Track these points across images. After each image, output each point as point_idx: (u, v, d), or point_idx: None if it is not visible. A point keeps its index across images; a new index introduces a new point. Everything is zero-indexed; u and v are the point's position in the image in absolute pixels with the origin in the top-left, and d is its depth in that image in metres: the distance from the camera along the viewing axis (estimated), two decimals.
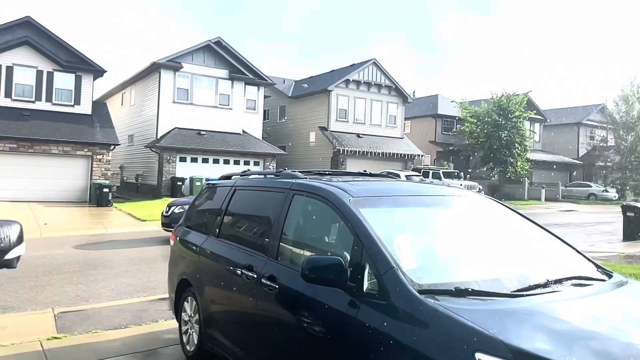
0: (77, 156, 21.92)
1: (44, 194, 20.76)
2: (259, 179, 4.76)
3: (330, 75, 33.13)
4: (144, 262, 9.83)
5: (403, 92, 32.85)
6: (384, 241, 2.71)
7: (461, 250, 3.07)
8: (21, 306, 6.46)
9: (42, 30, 22.54)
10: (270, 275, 3.34)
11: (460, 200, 3.78)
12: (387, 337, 2.34)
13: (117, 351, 4.72)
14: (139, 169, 27.66)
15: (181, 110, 25.26)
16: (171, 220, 11.97)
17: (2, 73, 21.67)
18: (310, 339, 2.92)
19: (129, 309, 6.21)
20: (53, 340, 4.98)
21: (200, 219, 5.11)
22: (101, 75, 24.29)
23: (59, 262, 9.45)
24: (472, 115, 33.83)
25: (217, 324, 4.07)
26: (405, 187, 4.07)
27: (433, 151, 39.27)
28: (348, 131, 30.69)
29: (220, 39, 26.46)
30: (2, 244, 2.34)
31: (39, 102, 22.40)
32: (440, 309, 2.24)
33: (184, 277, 4.73)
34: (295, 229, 3.64)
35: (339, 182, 3.54)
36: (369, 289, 2.59)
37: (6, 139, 20.34)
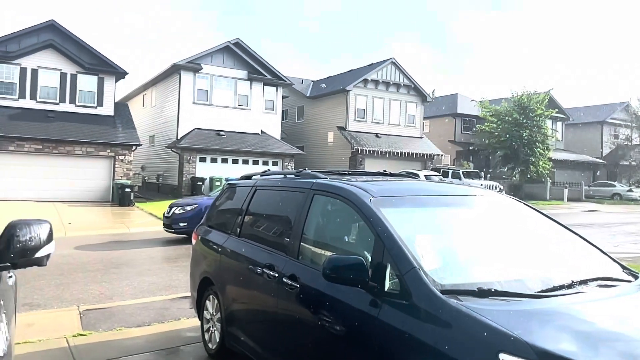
0: (100, 157, 22.33)
1: (68, 194, 21.20)
2: (279, 178, 4.79)
3: (349, 75, 33.09)
4: (165, 261, 9.98)
5: (422, 91, 32.64)
6: (405, 241, 2.71)
7: (483, 250, 3.05)
8: (47, 304, 6.62)
9: (65, 33, 23.02)
10: (292, 275, 3.37)
11: (481, 200, 3.75)
12: (410, 337, 2.34)
13: (140, 348, 4.81)
14: (160, 169, 28.04)
15: (201, 111, 25.53)
16: (171, 221, 12.10)
17: (27, 76, 22.20)
18: (331, 338, 2.93)
19: (152, 307, 6.31)
20: (78, 337, 5.10)
21: (221, 219, 5.16)
22: (123, 77, 24.71)
23: (83, 261, 9.65)
24: (493, 114, 33.43)
25: (239, 322, 4.11)
26: (425, 186, 4.05)
27: (452, 151, 38.92)
28: (366, 131, 30.62)
29: (239, 40, 26.66)
30: (32, 242, 2.40)
31: (63, 104, 22.89)
32: (463, 309, 2.23)
33: (205, 276, 4.79)
34: (315, 229, 3.65)
35: (360, 182, 3.54)
36: (391, 289, 2.60)
37: (31, 140, 20.83)
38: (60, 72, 22.82)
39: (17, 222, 2.43)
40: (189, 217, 11.95)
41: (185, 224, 11.95)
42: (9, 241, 2.35)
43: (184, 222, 11.99)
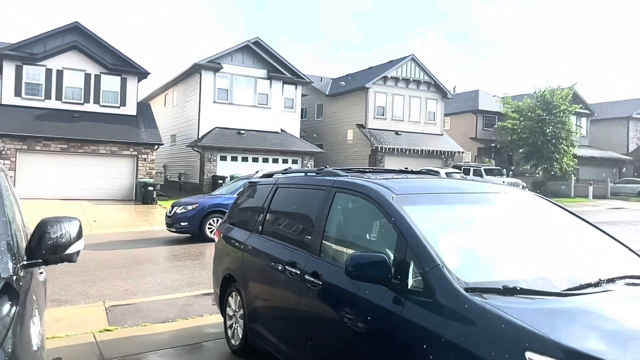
0: (124, 156, 22.72)
1: (93, 192, 21.64)
2: (300, 177, 4.82)
3: (368, 72, 32.96)
4: (188, 258, 10.11)
5: (442, 88, 32.32)
6: (428, 239, 2.70)
7: (508, 248, 3.02)
8: (74, 299, 6.78)
9: (89, 34, 23.46)
10: (314, 272, 3.38)
11: (505, 198, 3.71)
12: (434, 334, 2.34)
13: (165, 344, 4.89)
14: (182, 167, 28.39)
15: (221, 110, 25.74)
16: (173, 220, 12.12)
17: (53, 77, 22.71)
18: (354, 334, 2.94)
19: (175, 304, 6.41)
20: (105, 332, 5.21)
21: (243, 216, 5.21)
22: (145, 77, 25.07)
23: (108, 258, 9.84)
24: (515, 110, 32.90)
25: (261, 319, 4.15)
26: (448, 184, 4.03)
27: (474, 148, 38.45)
28: (386, 128, 30.46)
29: (259, 39, 26.79)
30: (63, 239, 2.46)
31: (87, 104, 23.34)
32: (488, 307, 2.22)
33: (228, 273, 4.84)
34: (337, 226, 3.66)
35: (381, 180, 3.54)
36: (414, 287, 2.59)
37: (57, 140, 21.31)
38: (85, 73, 23.28)
39: (48, 219, 2.50)
40: (190, 216, 12.02)
41: (187, 223, 12.01)
42: (41, 238, 2.42)
43: (185, 221, 12.03)
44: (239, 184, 13.29)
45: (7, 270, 2.21)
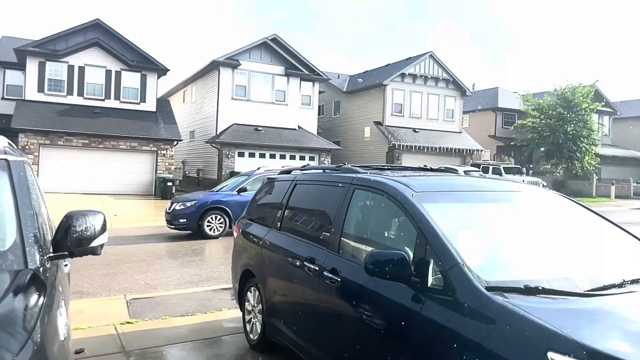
0: (143, 151, 23.03)
1: (113, 187, 21.99)
2: (319, 173, 4.83)
3: (386, 69, 32.79)
4: (206, 253, 10.22)
5: (461, 85, 31.99)
6: (448, 237, 2.69)
7: (529, 247, 2.99)
8: (96, 292, 6.91)
9: (110, 31, 23.79)
10: (332, 268, 3.40)
11: (526, 196, 3.67)
12: (453, 333, 2.33)
13: (184, 337, 4.96)
14: (200, 163, 28.65)
15: (239, 107, 25.88)
16: (172, 217, 12.06)
17: (75, 73, 23.10)
18: (372, 331, 2.95)
19: (195, 298, 6.49)
20: (126, 324, 5.30)
21: (261, 212, 5.25)
22: (164, 73, 25.34)
23: (128, 252, 10.00)
24: (535, 108, 32.41)
25: (280, 314, 4.18)
26: (468, 182, 3.99)
27: (493, 146, 37.99)
28: (404, 126, 30.27)
29: (277, 36, 26.83)
30: (88, 232, 2.52)
31: (108, 100, 23.70)
32: (509, 307, 2.20)
33: (247, 268, 4.89)
34: (356, 223, 3.67)
35: (401, 177, 3.53)
36: (434, 285, 2.59)
37: (79, 135, 21.69)
38: (106, 70, 23.62)
39: (74, 212, 2.55)
40: (189, 213, 11.97)
41: (185, 220, 11.95)
42: (67, 231, 2.48)
43: (183, 218, 11.98)
44: (240, 179, 13.32)
45: (35, 261, 2.27)
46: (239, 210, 12.23)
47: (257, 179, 12.87)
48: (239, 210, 12.22)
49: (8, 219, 2.41)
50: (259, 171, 13.67)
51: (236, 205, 12.25)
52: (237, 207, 12.18)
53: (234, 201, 12.37)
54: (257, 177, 13.02)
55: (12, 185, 2.54)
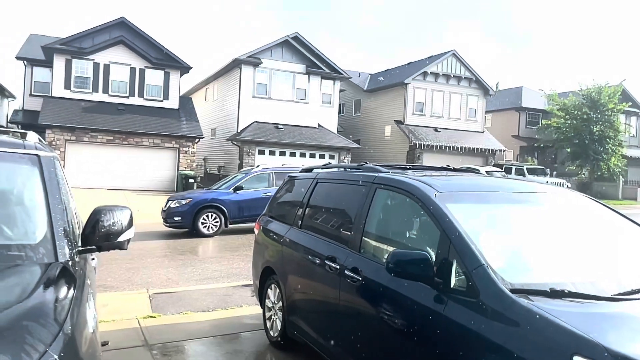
0: (166, 148, 23.37)
1: (136, 183, 22.35)
2: (340, 172, 4.84)
3: (407, 68, 32.57)
4: (227, 250, 10.32)
5: (484, 84, 31.58)
6: (472, 237, 2.67)
7: (554, 250, 2.95)
8: (120, 286, 7.04)
9: (134, 29, 24.17)
10: (354, 267, 3.40)
11: (551, 197, 3.62)
12: (477, 335, 2.31)
13: (205, 332, 5.02)
14: (221, 160, 28.90)
15: (260, 105, 26.03)
16: (167, 215, 11.96)
17: (100, 70, 23.55)
18: (393, 331, 2.95)
19: (215, 293, 6.56)
20: (149, 318, 5.39)
21: (282, 210, 5.28)
22: (187, 71, 25.64)
23: (151, 247, 10.16)
24: (561, 108, 31.80)
25: (300, 312, 4.20)
26: (492, 182, 3.95)
27: (516, 146, 37.42)
28: (425, 125, 30.04)
29: (298, 34, 26.88)
30: (115, 227, 2.57)
31: (132, 97, 24.10)
32: (535, 310, 2.17)
33: (267, 265, 4.92)
34: (377, 223, 3.66)
35: (424, 177, 3.51)
36: (457, 286, 2.57)
37: (104, 132, 22.11)
38: (130, 67, 24.01)
39: (101, 208, 2.61)
40: (183, 211, 11.87)
41: (180, 218, 11.86)
42: (95, 225, 2.54)
43: (178, 216, 11.89)
44: (238, 177, 13.32)
45: (65, 255, 2.33)
46: (235, 208, 12.30)
47: (253, 178, 12.95)
48: (235, 209, 12.34)
49: (39, 213, 2.47)
50: (256, 169, 13.70)
51: (232, 204, 12.24)
52: (233, 205, 12.25)
53: (230, 199, 12.31)
54: (254, 175, 13.06)
55: (43, 180, 2.61)
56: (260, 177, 13.12)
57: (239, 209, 12.37)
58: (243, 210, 12.41)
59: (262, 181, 13.01)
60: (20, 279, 2.08)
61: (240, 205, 12.38)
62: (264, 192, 12.50)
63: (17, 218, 2.52)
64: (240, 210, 12.39)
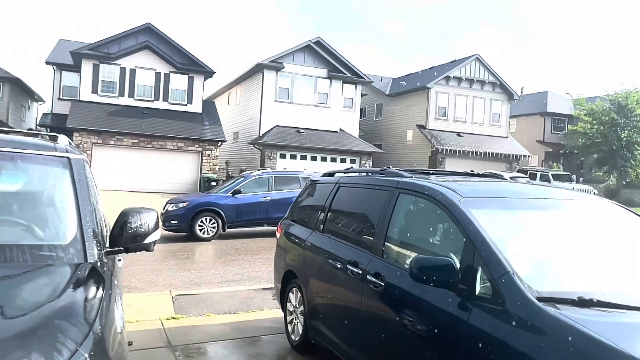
0: (189, 151, 23.69)
1: (160, 186, 22.70)
2: (362, 176, 4.83)
3: (430, 72, 32.36)
4: (248, 253, 10.38)
5: (508, 88, 31.16)
6: (497, 244, 2.63)
7: (582, 258, 2.88)
8: (143, 287, 7.15)
9: (159, 35, 24.62)
10: (376, 273, 3.38)
11: (579, 204, 3.54)
12: (502, 343, 2.28)
13: (227, 335, 5.06)
14: (243, 164, 29.11)
15: (282, 109, 26.18)
16: (164, 218, 11.78)
17: (126, 75, 24.03)
18: (416, 337, 2.92)
19: (237, 296, 6.61)
20: (172, 320, 5.46)
21: (304, 214, 5.29)
22: (210, 76, 25.98)
23: (174, 249, 10.30)
24: (588, 113, 31.15)
25: (322, 316, 4.20)
26: (517, 188, 3.89)
27: (541, 152, 36.78)
28: (448, 129, 29.77)
29: (320, 39, 26.98)
30: (142, 229, 2.62)
31: (156, 102, 24.52)
32: (562, 319, 2.13)
33: (289, 269, 4.94)
34: (400, 228, 3.64)
35: (448, 182, 3.48)
36: (482, 293, 2.53)
37: (129, 135, 22.54)
38: (155, 72, 24.45)
39: (129, 209, 2.66)
40: (180, 215, 11.76)
41: (176, 221, 11.73)
42: (123, 227, 2.58)
43: (175, 219, 11.76)
44: (237, 181, 13.21)
45: (93, 255, 2.38)
46: (233, 212, 12.17)
47: (252, 181, 12.85)
48: (233, 213, 12.22)
49: (69, 214, 2.54)
50: (255, 173, 13.68)
51: (230, 208, 12.10)
52: (231, 209, 12.10)
53: (228, 203, 12.17)
54: (253, 179, 12.96)
55: (73, 182, 2.67)
56: (259, 181, 13.00)
57: (237, 213, 12.23)
58: (241, 214, 12.28)
59: (262, 185, 12.89)
60: (51, 279, 2.14)
61: (238, 209, 12.24)
62: (263, 197, 12.47)
63: (48, 219, 2.59)
64: (239, 214, 12.25)
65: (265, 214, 12.43)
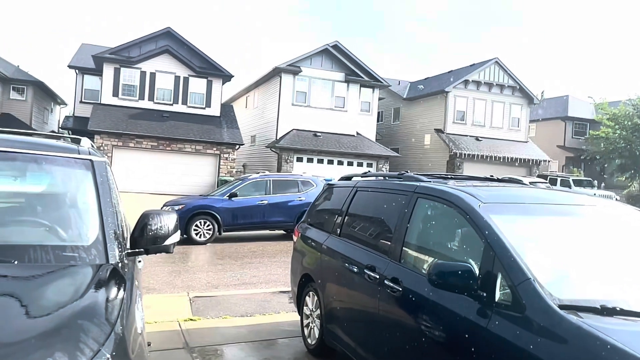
0: (207, 154, 23.92)
1: (178, 188, 22.91)
2: (380, 180, 4.81)
3: (448, 75, 32.15)
4: (265, 256, 10.42)
5: (528, 92, 30.78)
6: (517, 250, 2.60)
7: (605, 265, 2.83)
8: (162, 288, 7.22)
9: (179, 39, 24.94)
10: (394, 277, 3.37)
11: (602, 210, 3.47)
12: (522, 350, 2.24)
13: (244, 337, 5.07)
14: (260, 167, 29.25)
15: (299, 113, 26.27)
16: None
17: (146, 79, 24.39)
18: (434, 343, 2.89)
19: (254, 299, 6.63)
20: (189, 321, 5.50)
21: (321, 218, 5.29)
22: (229, 79, 26.21)
23: (191, 251, 10.39)
24: (610, 117, 30.58)
25: (338, 320, 4.19)
26: (538, 194, 3.83)
27: (561, 157, 36.22)
28: (466, 134, 29.52)
29: (338, 43, 27.01)
30: (162, 231, 2.65)
31: (175, 105, 24.83)
32: (585, 327, 2.09)
33: (306, 273, 4.94)
34: (418, 233, 3.62)
35: (467, 187, 3.45)
36: (502, 300, 2.50)
37: (148, 138, 22.84)
38: (174, 76, 24.77)
39: (149, 212, 2.70)
40: None
41: None
42: (143, 229, 2.62)
43: None
44: (234, 184, 13.16)
45: (115, 257, 2.41)
46: (229, 216, 12.05)
47: (249, 185, 12.76)
48: (229, 216, 12.10)
49: (92, 216, 2.58)
50: (253, 176, 13.64)
51: (226, 211, 12.00)
52: (227, 212, 12.00)
53: (224, 207, 12.08)
54: (250, 182, 12.88)
55: (96, 184, 2.72)
56: (257, 184, 12.91)
57: (233, 216, 12.14)
58: (237, 217, 12.18)
59: (259, 189, 12.80)
60: (73, 279, 2.17)
61: (234, 212, 12.16)
62: (260, 200, 12.38)
63: (71, 220, 2.63)
64: (235, 217, 12.15)
65: (262, 217, 12.36)
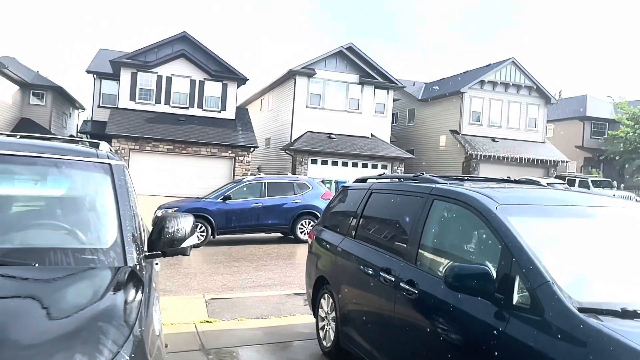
0: (222, 157, 24.10)
1: (194, 191, 23.06)
2: (395, 182, 4.79)
3: (463, 76, 31.92)
4: (280, 258, 10.45)
5: (545, 92, 30.40)
6: (535, 252, 2.57)
7: (624, 267, 2.78)
8: (178, 290, 7.29)
9: (195, 43, 25.18)
10: (409, 280, 3.35)
11: (621, 212, 3.41)
12: (541, 354, 2.21)
13: (259, 339, 5.09)
14: (275, 170, 29.35)
15: (313, 115, 26.31)
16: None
17: (163, 83, 24.67)
18: (451, 347, 2.87)
19: (269, 301, 6.65)
20: (205, 323, 5.54)
21: (336, 220, 5.28)
22: (244, 83, 26.37)
23: (207, 253, 10.46)
24: (629, 117, 30.05)
25: (353, 323, 4.18)
26: (556, 195, 3.78)
27: (580, 157, 35.68)
28: (482, 135, 29.24)
29: (352, 45, 27.01)
30: (179, 234, 2.68)
31: (191, 108, 25.07)
32: (605, 330, 2.06)
33: (321, 275, 4.94)
34: (434, 235, 3.59)
35: (483, 189, 3.42)
36: (519, 302, 2.47)
37: (165, 141, 23.10)
38: (190, 79, 25.01)
39: (166, 215, 2.73)
40: None
41: None
42: (160, 232, 2.65)
43: None
44: (228, 186, 13.13)
45: (133, 259, 2.44)
46: (223, 219, 11.91)
47: (243, 187, 12.64)
48: (223, 219, 11.97)
49: (110, 219, 2.62)
50: (247, 178, 13.58)
51: (220, 214, 11.90)
52: (221, 215, 11.90)
53: (218, 209, 11.98)
54: (244, 184, 12.78)
55: (114, 188, 2.76)
56: (251, 186, 12.80)
57: (227, 219, 12.05)
58: (231, 220, 12.06)
59: (254, 191, 12.67)
60: (92, 282, 2.21)
61: (228, 215, 12.07)
62: (255, 203, 12.28)
63: (90, 223, 2.68)
64: (229, 220, 12.04)
65: (257, 220, 12.28)
